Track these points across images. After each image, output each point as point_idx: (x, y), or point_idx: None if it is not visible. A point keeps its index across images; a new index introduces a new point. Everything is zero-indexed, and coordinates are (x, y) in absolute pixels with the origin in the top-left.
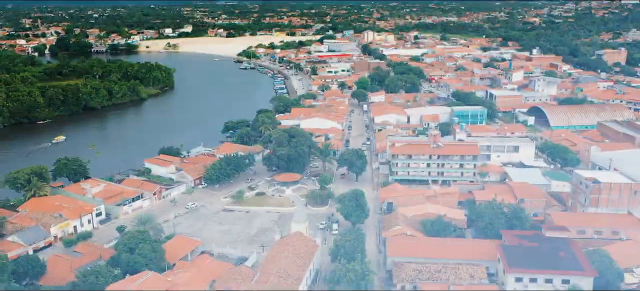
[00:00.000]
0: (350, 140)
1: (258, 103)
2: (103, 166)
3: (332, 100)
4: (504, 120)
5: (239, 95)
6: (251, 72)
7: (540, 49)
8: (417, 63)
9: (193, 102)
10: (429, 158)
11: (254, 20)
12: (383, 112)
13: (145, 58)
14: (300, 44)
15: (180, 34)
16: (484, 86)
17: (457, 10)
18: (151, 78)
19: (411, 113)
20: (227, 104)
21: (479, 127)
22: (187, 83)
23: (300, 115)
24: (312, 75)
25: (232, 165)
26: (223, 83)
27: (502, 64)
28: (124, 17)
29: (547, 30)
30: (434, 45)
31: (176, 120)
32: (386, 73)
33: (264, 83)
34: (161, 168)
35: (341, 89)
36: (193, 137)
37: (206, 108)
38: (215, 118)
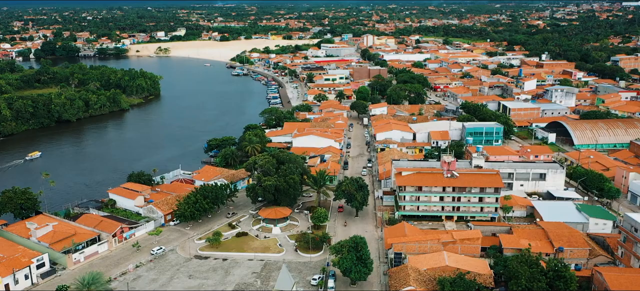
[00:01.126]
0: (349, 161)
1: (249, 115)
2: (63, 193)
3: (329, 112)
4: (522, 138)
5: (229, 105)
6: (244, 78)
7: (549, 54)
8: (420, 69)
9: (178, 112)
10: (443, 190)
11: (251, 23)
12: (386, 127)
13: (135, 63)
14: (296, 48)
15: (172, 38)
16: (495, 96)
17: (457, 13)
18: (134, 87)
19: (417, 129)
20: (215, 116)
21: (498, 149)
22: (175, 91)
23: (293, 130)
24: (308, 82)
25: (210, 197)
26: (213, 91)
27: (511, 71)
28: (118, 20)
29: (553, 34)
30: (436, 49)
31: (157, 134)
32: (388, 81)
33: (256, 91)
34: (127, 200)
35: (339, 100)
36: (172, 156)
37: (192, 121)
38: (200, 133)
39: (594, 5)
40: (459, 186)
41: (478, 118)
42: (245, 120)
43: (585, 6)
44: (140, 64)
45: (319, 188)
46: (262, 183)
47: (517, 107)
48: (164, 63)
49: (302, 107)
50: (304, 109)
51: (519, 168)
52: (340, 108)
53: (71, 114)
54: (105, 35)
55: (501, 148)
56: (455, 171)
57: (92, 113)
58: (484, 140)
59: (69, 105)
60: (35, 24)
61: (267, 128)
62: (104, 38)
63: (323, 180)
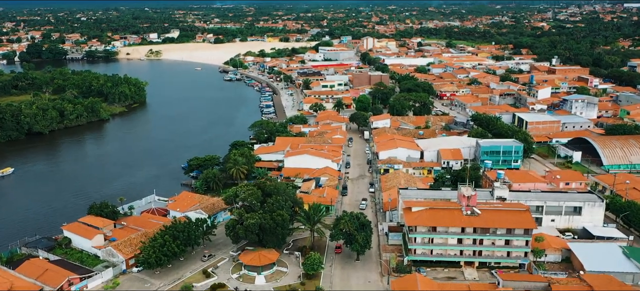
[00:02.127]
0: (348, 184)
1: (238, 127)
2: (15, 225)
3: (326, 125)
4: (542, 156)
5: (218, 115)
6: (236, 84)
7: (558, 58)
8: (423, 75)
9: (162, 123)
10: (462, 231)
11: (248, 24)
12: (389, 144)
13: (125, 66)
14: (293, 52)
15: (164, 40)
16: (507, 106)
17: (458, 14)
18: (117, 94)
19: (425, 146)
20: (202, 127)
21: (521, 174)
22: (162, 98)
23: (286, 146)
24: (304, 89)
25: (182, 238)
26: (203, 98)
27: (521, 77)
28: (112, 21)
29: (560, 37)
30: (440, 53)
31: (135, 149)
32: (390, 89)
33: (249, 98)
34: (84, 239)
35: (337, 110)
36: (148, 177)
37: (175, 133)
38: (183, 149)
39: (596, 6)
40: (481, 226)
41: (492, 133)
42: (234, 132)
43: (587, 7)
44: (130, 67)
45: (312, 226)
46: (244, 221)
47: (535, 120)
48: (155, 67)
49: (297, 119)
50: (299, 121)
51: (549, 200)
52: (339, 119)
53: (43, 126)
54: (96, 36)
55: (524, 173)
56: (477, 209)
57: (68, 124)
58: (501, 160)
59: (41, 115)
60: (27, 24)
61: (258, 143)
62: (94, 40)
63: (317, 215)
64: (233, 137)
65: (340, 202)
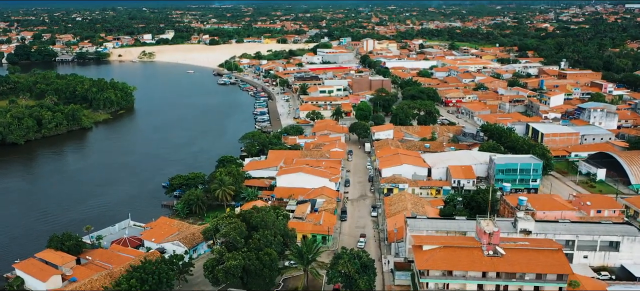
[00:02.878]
0: (348, 207)
1: (229, 136)
2: None
3: (323, 136)
4: (561, 173)
5: (208, 122)
6: (231, 88)
7: (567, 61)
8: (426, 79)
9: (148, 132)
10: (483, 276)
11: (245, 25)
12: (393, 160)
13: (116, 68)
14: (290, 54)
15: (158, 41)
16: (519, 115)
17: (458, 14)
18: (101, 100)
19: (433, 162)
20: (190, 137)
21: (544, 200)
22: (151, 104)
23: (279, 161)
24: (301, 94)
25: (151, 282)
26: (194, 103)
27: (529, 81)
28: (108, 21)
29: (567, 39)
30: (442, 55)
31: (115, 164)
32: (392, 96)
33: (243, 104)
34: (37, 282)
35: (336, 118)
36: (125, 198)
37: (161, 144)
38: (167, 164)
39: (597, 6)
40: (506, 271)
41: (505, 147)
42: (225, 144)
43: (588, 8)
44: (122, 69)
45: (306, 265)
46: (225, 262)
47: (551, 132)
48: (147, 69)
49: (292, 129)
50: (294, 131)
51: (582, 233)
52: (337, 129)
53: (18, 136)
54: (88, 37)
55: (548, 198)
56: (500, 249)
57: (46, 133)
58: (518, 179)
59: (16, 125)
60: (20, 25)
61: (249, 157)
62: (86, 41)
63: (312, 252)
64: (223, 149)
65: (339, 230)
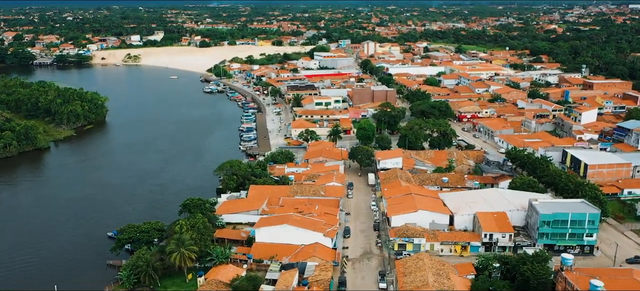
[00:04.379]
0: (347, 273)
1: (209, 161)
2: None
3: (318, 164)
4: (617, 218)
5: (187, 141)
6: (218, 97)
7: (587, 67)
8: (435, 88)
9: (114, 155)
10: None
11: (241, 25)
12: (406, 204)
13: (99, 72)
14: (285, 58)
15: (145, 43)
16: (547, 135)
17: (460, 15)
18: (65, 114)
19: (455, 206)
20: (162, 163)
21: (620, 279)
22: (126, 116)
23: (262, 203)
24: (293, 107)
25: None
26: (174, 117)
27: (552, 92)
28: (99, 21)
29: (581, 41)
30: (450, 60)
31: (60, 201)
32: (399, 112)
33: (228, 118)
34: None
35: (333, 139)
36: (60, 255)
37: (124, 173)
38: (126, 201)
39: (601, 7)
40: None
41: (542, 182)
42: (201, 171)
43: (592, 8)
44: (104, 73)
45: None
46: None
47: (597, 162)
48: (130, 73)
49: (280, 156)
50: (283, 159)
51: None
52: (335, 155)
53: None
54: (73, 38)
55: (627, 275)
56: None
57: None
58: (569, 232)
59: None
60: (8, 24)
61: (227, 191)
62: (69, 43)
63: None
64: (197, 179)
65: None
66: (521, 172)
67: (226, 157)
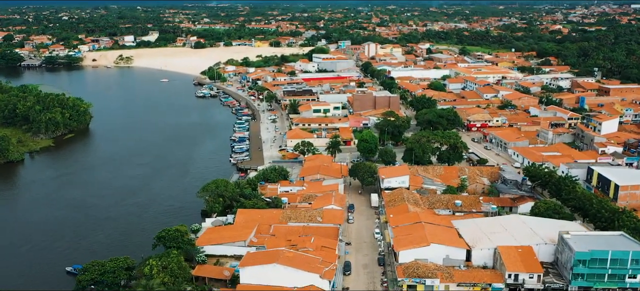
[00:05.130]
0: None
1: (195, 177)
2: None
3: (315, 182)
4: None
5: (174, 152)
6: (210, 102)
7: (598, 70)
8: (440, 93)
9: (92, 169)
10: None
11: (239, 25)
12: (415, 235)
13: (89, 75)
14: (282, 60)
15: (139, 44)
16: (566, 148)
17: (462, 15)
18: (44, 122)
19: (472, 238)
20: (145, 177)
21: None
22: (111, 123)
23: (250, 230)
24: (290, 114)
25: None
26: (162, 124)
27: (565, 98)
28: (95, 21)
29: (589, 43)
30: (454, 62)
31: (20, 223)
32: (404, 121)
33: (220, 125)
34: None
35: (332, 152)
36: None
37: (102, 188)
38: (95, 226)
39: (603, 6)
40: None
41: (568, 206)
42: (185, 190)
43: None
44: (93, 76)
45: None
46: None
47: (629, 183)
48: (120, 76)
49: (273, 173)
50: (276, 176)
51: None
52: (334, 172)
53: None
54: (64, 39)
55: None
56: None
57: None
58: (608, 273)
59: None
60: (1, 24)
61: (213, 215)
62: (59, 44)
63: None
64: (181, 198)
65: None
66: (541, 191)
67: (215, 172)
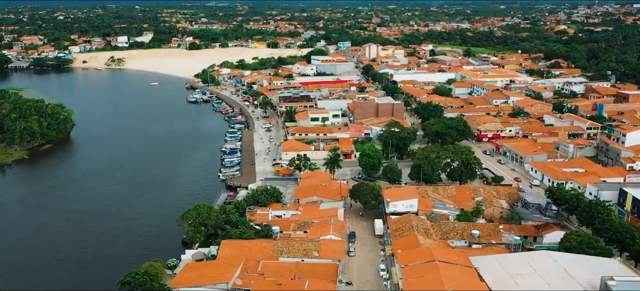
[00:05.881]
0: None
1: (179, 194)
2: None
3: (312, 205)
4: None
5: (158, 166)
6: (202, 107)
7: (612, 73)
8: (447, 99)
9: (65, 187)
10: None
11: (236, 25)
12: (427, 279)
13: (77, 77)
14: (279, 62)
15: (132, 45)
16: (589, 163)
17: (463, 14)
18: (18, 132)
19: (496, 283)
20: (123, 197)
21: None
22: (95, 131)
23: (235, 269)
24: (286, 122)
25: None
26: (149, 133)
27: (580, 104)
28: (90, 20)
29: (599, 44)
30: (459, 65)
31: None
32: (410, 133)
33: (211, 134)
34: None
35: (331, 168)
36: None
37: (74, 211)
38: (61, 261)
39: (606, 6)
40: None
41: (606, 239)
42: (166, 214)
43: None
44: (81, 79)
45: None
46: None
47: None
48: (110, 79)
49: (264, 195)
50: (267, 197)
51: None
52: (332, 194)
53: None
54: (56, 39)
55: None
56: None
57: None
58: None
59: None
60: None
61: (194, 246)
62: (50, 45)
63: None
64: (159, 225)
65: None
66: (567, 216)
67: (201, 190)
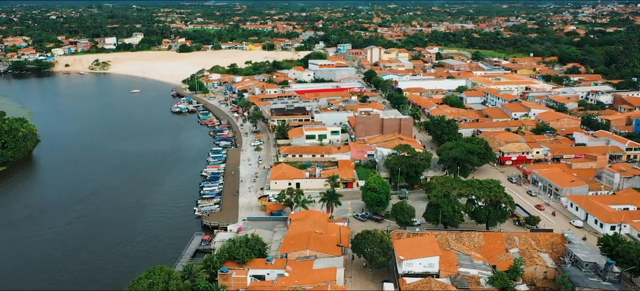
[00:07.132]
0: None
1: (144, 241)
2: None
3: (304, 262)
4: None
5: (126, 198)
6: (187, 119)
7: (638, 80)
8: (460, 111)
9: (9, 227)
10: None
11: (233, 25)
12: None
13: (57, 82)
14: (275, 67)
15: (120, 47)
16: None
17: (466, 14)
18: None
19: None
20: (75, 241)
21: None
22: (64, 149)
23: None
24: (277, 139)
25: None
26: (122, 152)
27: (612, 117)
28: (82, 20)
29: (616, 47)
30: (469, 70)
31: None
32: (423, 160)
33: (192, 154)
34: None
35: (329, 207)
36: None
37: (10, 261)
38: None
39: (609, 5)
40: None
41: None
42: (123, 266)
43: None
44: (66, 83)
45: None
46: None
47: None
48: (93, 84)
49: (243, 249)
50: (247, 252)
51: None
52: (329, 247)
53: None
54: (40, 41)
55: None
56: None
57: None
58: None
59: None
60: None
61: None
62: (31, 48)
63: None
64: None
65: None
66: (630, 277)
67: (171, 231)
